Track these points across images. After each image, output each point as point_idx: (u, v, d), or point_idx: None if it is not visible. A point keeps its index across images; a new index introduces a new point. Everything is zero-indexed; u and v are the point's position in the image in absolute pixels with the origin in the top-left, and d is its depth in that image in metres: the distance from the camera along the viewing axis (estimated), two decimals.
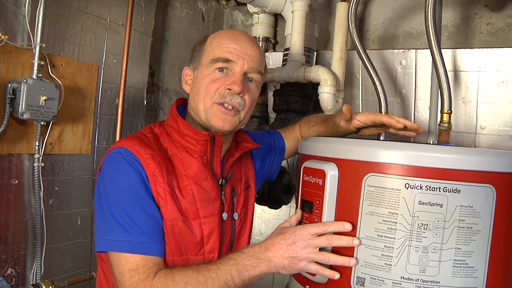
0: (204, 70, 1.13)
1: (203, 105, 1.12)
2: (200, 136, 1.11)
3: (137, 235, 1.00)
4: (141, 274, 0.98)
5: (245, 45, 1.12)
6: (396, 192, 0.95)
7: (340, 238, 0.99)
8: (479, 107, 1.69)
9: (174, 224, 1.06)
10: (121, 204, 1.02)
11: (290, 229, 1.04)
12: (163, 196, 1.05)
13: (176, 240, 1.07)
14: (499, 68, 1.64)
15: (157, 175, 1.05)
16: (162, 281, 0.98)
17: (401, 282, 0.95)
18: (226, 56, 1.10)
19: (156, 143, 1.12)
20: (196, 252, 1.10)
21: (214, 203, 1.13)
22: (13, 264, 1.60)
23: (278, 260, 1.01)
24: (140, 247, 1.00)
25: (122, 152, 1.06)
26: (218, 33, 1.17)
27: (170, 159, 1.11)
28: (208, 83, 1.11)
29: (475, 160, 0.95)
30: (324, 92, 1.73)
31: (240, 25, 2.56)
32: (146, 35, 2.10)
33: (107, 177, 1.06)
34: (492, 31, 1.82)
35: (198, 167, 1.12)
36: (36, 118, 1.54)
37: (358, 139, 1.09)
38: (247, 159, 1.32)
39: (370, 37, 2.12)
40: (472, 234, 0.95)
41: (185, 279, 0.98)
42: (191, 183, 1.10)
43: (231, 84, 1.10)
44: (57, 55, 1.69)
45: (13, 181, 1.58)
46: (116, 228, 1.01)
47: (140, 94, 2.11)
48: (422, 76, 1.79)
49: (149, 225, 1.02)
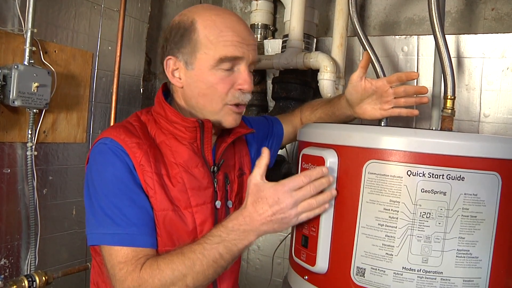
0: (206, 69, 1.05)
1: (212, 107, 1.07)
2: (189, 122, 1.07)
3: (126, 227, 0.98)
4: (130, 266, 0.96)
5: (245, 34, 1.06)
6: (398, 179, 0.92)
7: (321, 182, 0.97)
8: (482, 94, 1.65)
9: (164, 214, 1.03)
10: (109, 197, 0.99)
11: (269, 189, 0.96)
12: (151, 185, 1.02)
13: (167, 230, 1.04)
14: (504, 54, 1.60)
15: (144, 164, 1.02)
16: (148, 271, 0.95)
17: (402, 273, 0.92)
18: (234, 54, 1.03)
19: (143, 131, 1.08)
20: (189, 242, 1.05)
21: (206, 191, 1.09)
22: (6, 255, 1.57)
23: (267, 226, 0.96)
24: (130, 239, 0.98)
25: (108, 143, 1.02)
26: (210, 19, 1.04)
27: (158, 147, 1.07)
28: (215, 83, 1.05)
29: (480, 146, 0.91)
30: (324, 79, 1.69)
31: (239, 12, 2.51)
32: (142, 21, 2.06)
33: (94, 169, 1.03)
34: (497, 17, 1.78)
35: (188, 154, 1.08)
36: (28, 105, 1.50)
37: (359, 125, 1.05)
38: (242, 145, 1.28)
39: (371, 23, 2.07)
40: (476, 223, 0.92)
41: (171, 266, 0.95)
42: (181, 171, 1.07)
43: (242, 84, 1.06)
44: (50, 41, 1.65)
45: (5, 170, 1.55)
46: (105, 221, 0.98)
47: (136, 82, 2.07)
48: (424, 63, 1.75)
49: (139, 216, 0.99)
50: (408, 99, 1.19)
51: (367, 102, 1.24)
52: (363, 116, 1.26)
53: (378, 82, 1.19)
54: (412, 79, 1.16)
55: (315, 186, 0.96)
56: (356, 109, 1.26)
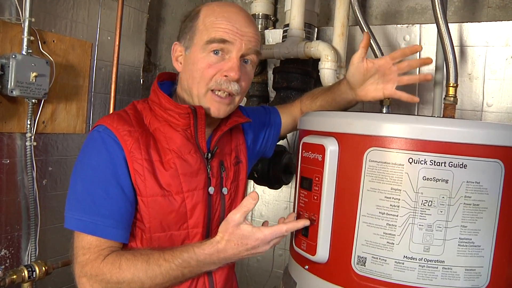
0: (199, 52, 1.07)
1: (197, 91, 1.08)
2: (181, 109, 1.07)
3: (93, 216, 1.00)
4: (92, 254, 0.99)
5: (241, 25, 1.07)
6: (399, 167, 0.90)
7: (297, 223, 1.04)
8: (486, 84, 1.63)
9: (153, 200, 1.05)
10: (86, 182, 1.02)
11: (251, 236, 1.00)
12: (140, 172, 1.03)
13: (157, 216, 1.05)
14: (508, 42, 1.58)
15: (134, 151, 1.03)
16: (109, 266, 0.98)
17: (404, 262, 0.91)
18: (222, 37, 1.05)
19: (137, 119, 1.09)
20: (179, 226, 1.08)
21: (198, 177, 1.10)
22: (6, 245, 1.57)
23: (239, 256, 1.03)
24: (94, 228, 1.00)
25: (101, 131, 1.04)
26: (212, 9, 1.09)
27: (152, 134, 1.09)
28: (203, 67, 1.06)
29: (483, 133, 0.90)
30: (324, 68, 1.67)
31: (240, 2, 2.48)
32: (142, 11, 2.04)
33: (81, 153, 1.06)
34: (501, 5, 1.75)
35: (181, 141, 1.09)
36: (27, 95, 1.49)
37: (359, 112, 1.04)
38: (238, 134, 1.28)
39: (373, 13, 2.05)
40: (479, 212, 0.90)
41: (132, 270, 0.98)
42: (174, 157, 1.08)
43: (228, 71, 1.05)
44: (48, 31, 1.63)
45: (4, 160, 1.54)
46: (75, 206, 1.01)
47: (136, 72, 2.06)
48: (427, 52, 1.73)
49: (109, 208, 1.01)
50: (412, 76, 1.19)
51: (370, 83, 1.22)
52: (366, 98, 1.25)
53: (380, 60, 1.19)
54: (416, 51, 1.15)
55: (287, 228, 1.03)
56: (358, 91, 1.25)
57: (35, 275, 1.52)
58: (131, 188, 1.03)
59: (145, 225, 1.06)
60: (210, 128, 1.17)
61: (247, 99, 2.17)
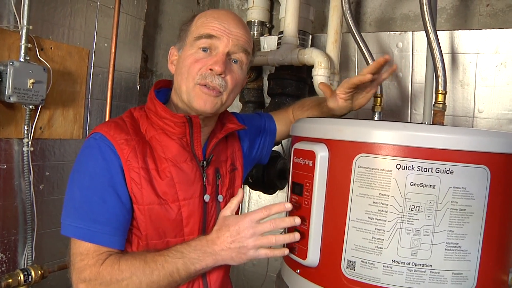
0: (188, 50, 1.11)
1: (186, 86, 1.10)
2: (177, 118, 1.09)
3: (89, 223, 1.01)
4: (90, 259, 1.00)
5: (229, 24, 1.10)
6: (387, 173, 0.92)
7: (283, 220, 1.05)
8: (477, 90, 1.66)
9: (150, 208, 1.06)
10: (83, 189, 1.03)
11: (233, 219, 1.05)
12: (137, 181, 1.04)
13: (153, 224, 1.07)
14: (498, 49, 1.60)
15: (131, 160, 1.04)
16: (108, 269, 0.99)
17: (392, 266, 0.93)
18: (209, 32, 1.08)
19: (133, 127, 1.10)
20: (175, 234, 1.09)
21: (194, 186, 1.11)
22: (3, 249, 1.58)
23: (225, 253, 1.02)
24: (91, 235, 1.01)
25: (97, 138, 1.05)
26: (205, 13, 1.14)
27: (148, 142, 1.10)
28: (190, 63, 1.09)
29: (469, 140, 0.92)
30: (318, 75, 1.70)
31: (236, 9, 2.51)
32: (138, 19, 2.06)
33: (77, 161, 1.06)
34: (492, 13, 1.78)
35: (177, 149, 1.10)
36: (24, 101, 1.51)
37: (349, 119, 1.06)
38: (234, 141, 1.29)
39: (367, 20, 2.08)
40: (466, 217, 0.92)
41: (131, 270, 0.99)
42: (170, 166, 1.09)
43: (212, 64, 1.07)
44: (46, 38, 1.65)
45: (2, 165, 1.56)
46: (72, 213, 1.02)
47: (133, 78, 2.08)
48: (419, 59, 1.76)
49: (105, 215, 1.02)
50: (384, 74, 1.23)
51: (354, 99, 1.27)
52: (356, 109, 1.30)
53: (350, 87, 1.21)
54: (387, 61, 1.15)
55: (275, 222, 1.04)
56: None
57: (31, 279, 1.53)
58: (127, 196, 1.05)
59: (142, 232, 1.07)
60: (205, 135, 1.18)
61: (243, 105, 2.19)
